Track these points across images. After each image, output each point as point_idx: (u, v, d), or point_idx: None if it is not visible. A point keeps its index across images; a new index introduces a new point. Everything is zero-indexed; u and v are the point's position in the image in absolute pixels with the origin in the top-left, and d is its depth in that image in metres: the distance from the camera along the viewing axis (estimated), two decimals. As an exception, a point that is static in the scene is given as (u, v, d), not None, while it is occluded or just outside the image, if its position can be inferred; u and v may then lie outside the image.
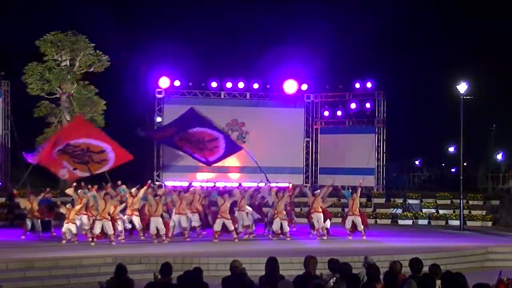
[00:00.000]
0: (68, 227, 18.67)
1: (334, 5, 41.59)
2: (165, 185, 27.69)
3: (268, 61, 33.44)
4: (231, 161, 28.76)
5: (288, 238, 20.06)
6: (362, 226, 20.65)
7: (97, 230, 18.55)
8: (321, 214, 20.64)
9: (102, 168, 20.43)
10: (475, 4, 43.03)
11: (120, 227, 19.27)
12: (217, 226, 19.69)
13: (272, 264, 8.36)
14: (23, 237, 19.76)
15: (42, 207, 20.70)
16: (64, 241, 18.59)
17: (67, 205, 19.17)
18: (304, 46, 36.66)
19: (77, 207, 19.07)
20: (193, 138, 22.17)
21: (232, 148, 23.28)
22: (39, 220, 19.98)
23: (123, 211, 19.75)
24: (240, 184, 26.59)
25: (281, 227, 20.12)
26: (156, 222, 19.18)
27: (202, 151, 22.52)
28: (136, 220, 19.79)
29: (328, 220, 21.05)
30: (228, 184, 27.07)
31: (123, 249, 17.57)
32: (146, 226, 19.76)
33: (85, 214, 19.20)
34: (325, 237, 20.53)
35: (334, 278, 8.46)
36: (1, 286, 12.25)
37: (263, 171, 23.60)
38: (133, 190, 20.11)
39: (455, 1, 43.91)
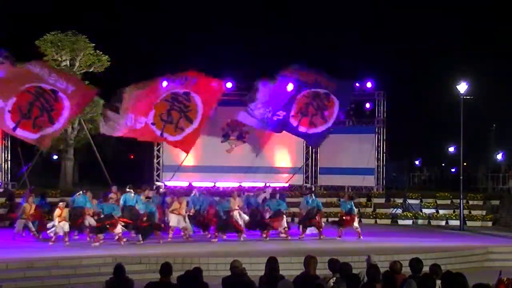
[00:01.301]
0: (61, 225, 18.41)
1: (333, 5, 41.67)
2: (165, 185, 27.72)
3: (268, 61, 33.52)
4: (231, 161, 28.79)
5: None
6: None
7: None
8: None
9: (170, 137, 20.65)
10: (475, 4, 43.09)
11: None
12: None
13: (272, 264, 8.36)
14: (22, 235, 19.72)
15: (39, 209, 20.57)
16: (51, 242, 18.28)
17: (60, 204, 18.85)
18: (303, 45, 36.77)
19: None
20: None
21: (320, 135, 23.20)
22: (34, 222, 19.77)
23: None
24: (240, 184, 26.63)
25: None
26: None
27: (311, 116, 22.36)
28: None
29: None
30: (228, 184, 27.06)
31: (123, 249, 17.56)
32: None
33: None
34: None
35: (334, 278, 8.46)
36: (1, 286, 12.26)
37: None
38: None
39: (455, 2, 43.95)
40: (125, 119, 20.98)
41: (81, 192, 19.79)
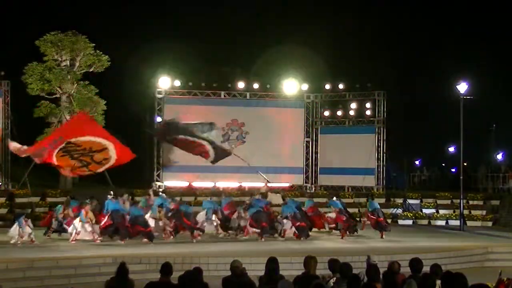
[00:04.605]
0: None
1: (333, 4, 41.67)
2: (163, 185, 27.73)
3: (268, 61, 33.48)
4: (231, 161, 28.75)
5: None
6: None
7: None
8: None
9: (103, 167, 20.25)
10: (475, 4, 43.09)
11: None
12: None
13: (272, 264, 8.35)
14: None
15: None
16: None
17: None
18: (303, 45, 36.73)
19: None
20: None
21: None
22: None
23: None
24: (240, 184, 26.65)
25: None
26: None
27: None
28: None
29: None
30: (228, 184, 27.06)
31: (123, 249, 17.57)
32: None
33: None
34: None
35: (334, 278, 8.45)
36: (1, 286, 12.24)
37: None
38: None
39: (456, 2, 43.96)
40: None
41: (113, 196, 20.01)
